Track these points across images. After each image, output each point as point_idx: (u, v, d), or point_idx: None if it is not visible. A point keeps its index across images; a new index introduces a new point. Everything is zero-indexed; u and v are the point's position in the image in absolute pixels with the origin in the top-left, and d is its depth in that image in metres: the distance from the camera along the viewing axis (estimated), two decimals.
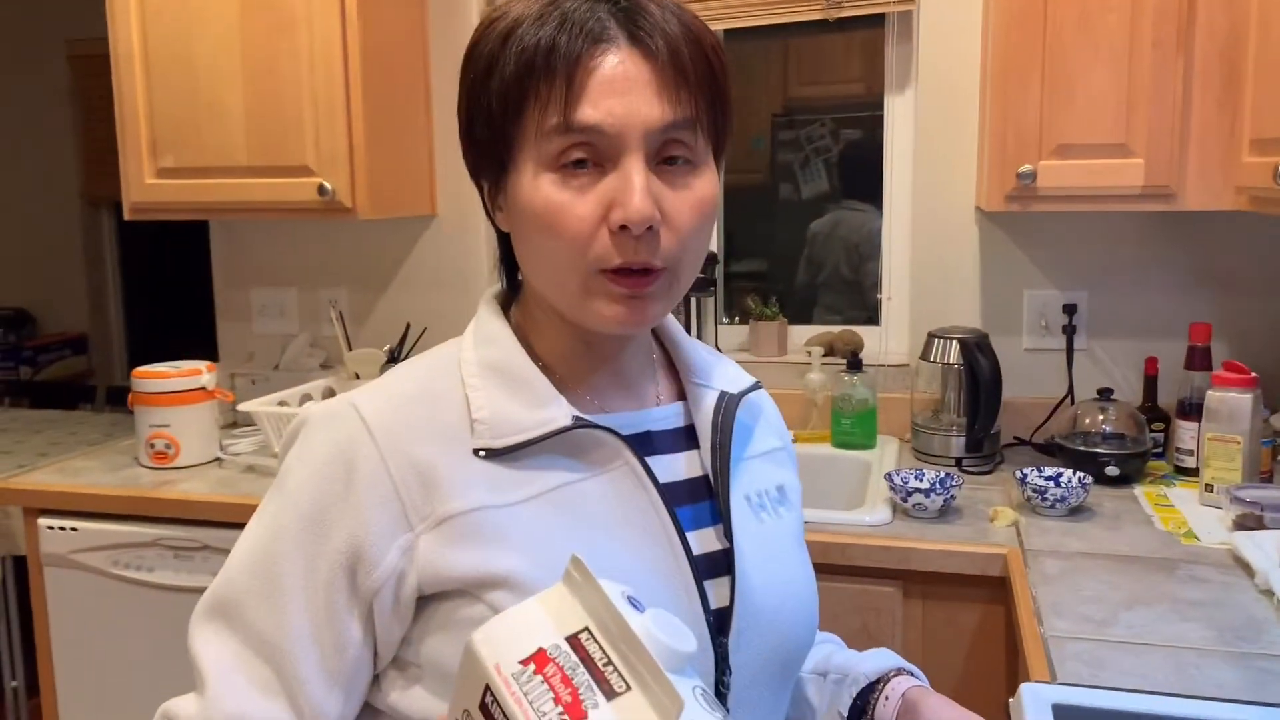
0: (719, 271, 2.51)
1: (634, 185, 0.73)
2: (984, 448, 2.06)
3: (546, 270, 0.78)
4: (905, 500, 1.78)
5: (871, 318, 2.48)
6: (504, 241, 0.86)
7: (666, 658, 0.56)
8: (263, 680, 0.76)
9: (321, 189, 2.13)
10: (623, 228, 0.73)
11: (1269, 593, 1.42)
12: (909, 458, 2.14)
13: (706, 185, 0.78)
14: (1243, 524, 1.63)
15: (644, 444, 0.84)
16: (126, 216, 2.31)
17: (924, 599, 1.68)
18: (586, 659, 0.57)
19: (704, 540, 0.83)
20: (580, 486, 0.79)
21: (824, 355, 2.34)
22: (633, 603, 0.61)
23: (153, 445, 2.12)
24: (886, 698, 0.90)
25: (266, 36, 2.14)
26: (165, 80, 2.21)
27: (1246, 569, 1.50)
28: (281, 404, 2.20)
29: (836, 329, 2.48)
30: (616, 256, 0.74)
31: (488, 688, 0.58)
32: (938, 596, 1.67)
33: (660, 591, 0.77)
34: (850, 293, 2.76)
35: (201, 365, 2.18)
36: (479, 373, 0.81)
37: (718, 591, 0.81)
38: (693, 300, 2.36)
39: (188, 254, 4.19)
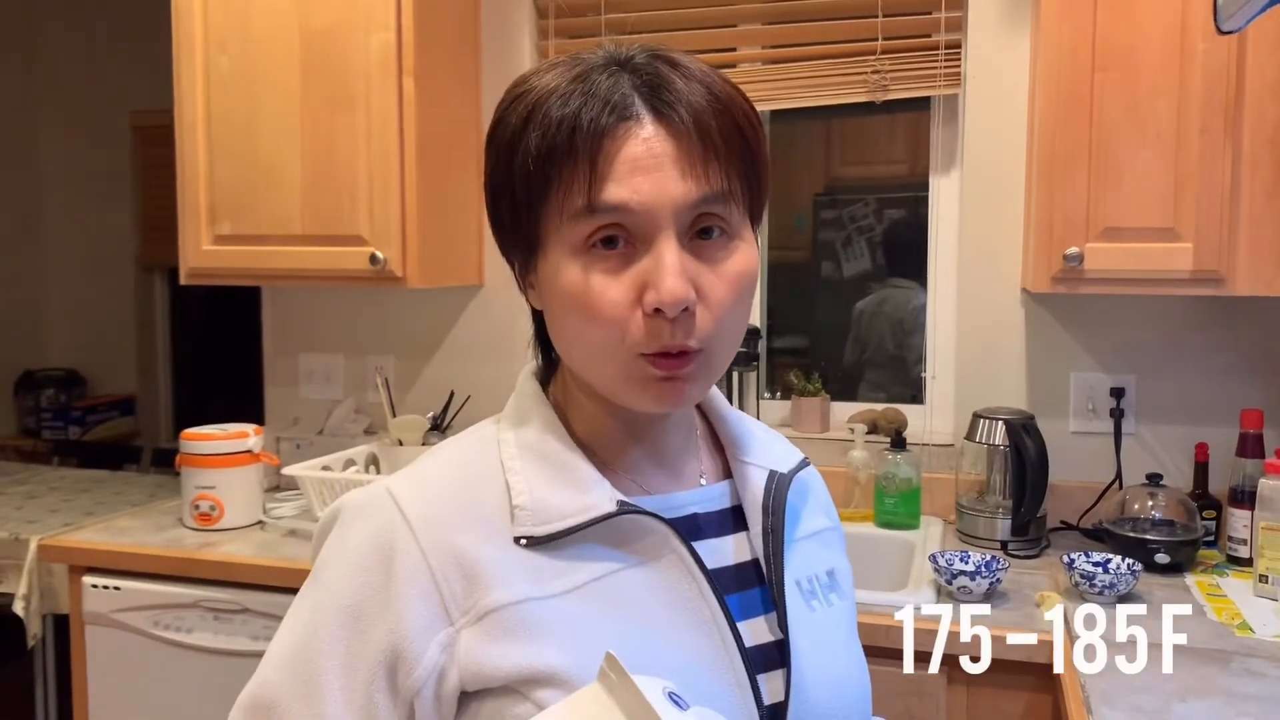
0: (761, 346, 2.52)
1: (667, 266, 0.70)
2: (1030, 531, 2.02)
3: (581, 353, 0.76)
4: (950, 583, 1.75)
5: (915, 396, 2.47)
6: (538, 318, 0.84)
7: None
8: None
9: (373, 258, 2.18)
10: (657, 310, 0.71)
11: None
12: (953, 539, 2.11)
13: (743, 258, 0.75)
14: None
15: (689, 527, 0.80)
16: (183, 281, 2.37)
17: (969, 685, 1.64)
18: None
19: (756, 630, 0.79)
20: (626, 575, 0.76)
21: (867, 433, 2.33)
22: (674, 700, 0.59)
23: (198, 506, 2.15)
24: None
25: (326, 111, 2.21)
26: (226, 149, 2.28)
27: None
28: (325, 469, 2.22)
29: (880, 406, 2.46)
30: (653, 341, 0.72)
31: None
32: (983, 683, 1.63)
33: (711, 687, 0.74)
34: (895, 369, 2.76)
35: (249, 429, 2.21)
36: (519, 455, 0.79)
37: (771, 686, 0.78)
38: (735, 374, 2.36)
39: (236, 319, 4.28)
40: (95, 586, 2.04)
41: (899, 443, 2.21)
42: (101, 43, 4.37)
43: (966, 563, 1.81)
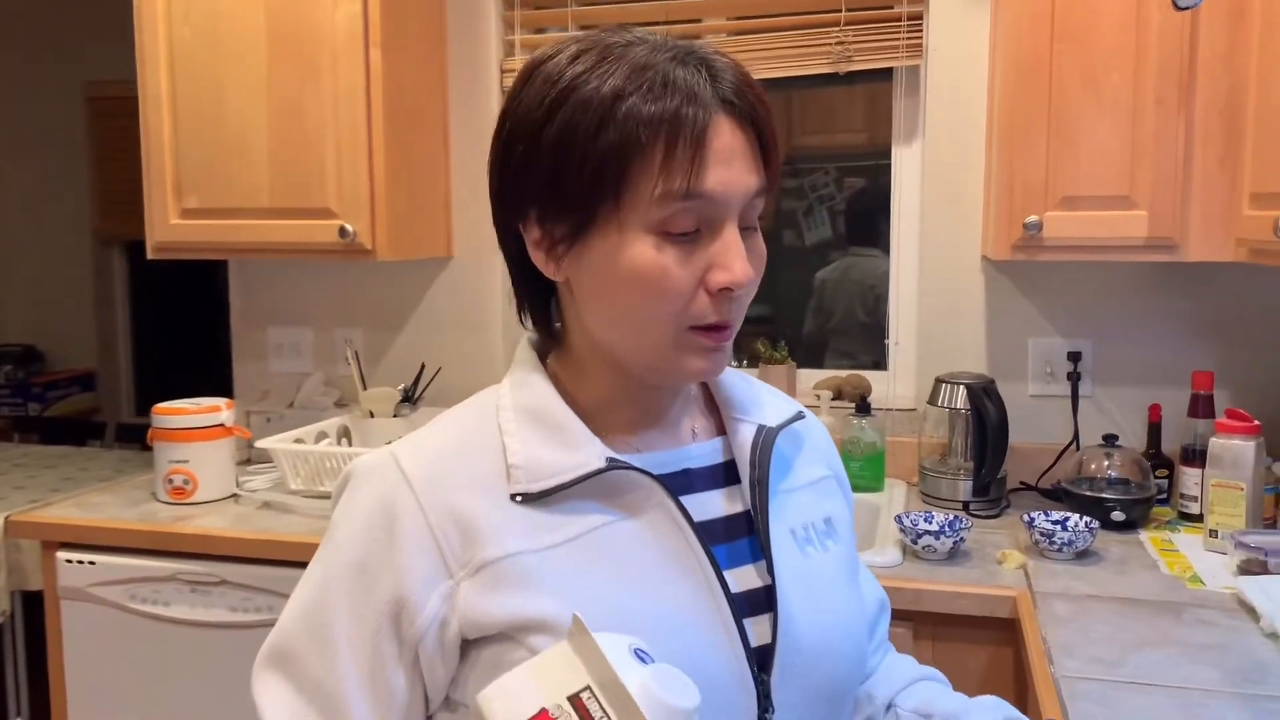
0: None
1: (735, 252, 0.78)
2: (991, 492, 2.09)
3: (635, 325, 0.80)
4: (915, 542, 1.81)
5: (879, 363, 2.52)
6: (538, 288, 0.87)
7: (664, 715, 0.59)
8: None
9: (343, 231, 2.18)
10: (724, 290, 0.78)
11: (1274, 636, 1.44)
12: (916, 501, 2.17)
13: (763, 244, 0.83)
14: (1247, 569, 1.66)
15: (681, 482, 0.85)
16: (150, 256, 2.35)
17: (934, 640, 1.70)
18: (586, 717, 0.60)
19: (744, 578, 0.84)
20: (616, 528, 0.81)
21: (833, 399, 2.38)
22: (640, 655, 0.63)
23: (171, 480, 2.15)
24: None
25: (293, 82, 2.20)
26: (192, 123, 2.27)
27: (1251, 613, 1.53)
28: (298, 441, 2.23)
29: (844, 373, 2.51)
30: (713, 315, 0.78)
31: None
32: (948, 638, 1.70)
33: (698, 631, 0.79)
34: (858, 337, 2.81)
35: (220, 402, 2.22)
36: (515, 418, 0.84)
37: (758, 629, 0.82)
38: None
39: (198, 293, 4.24)
40: (70, 561, 2.05)
41: (864, 408, 2.26)
42: (55, 14, 4.29)
43: (930, 523, 1.87)
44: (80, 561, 2.04)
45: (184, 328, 4.52)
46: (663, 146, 0.75)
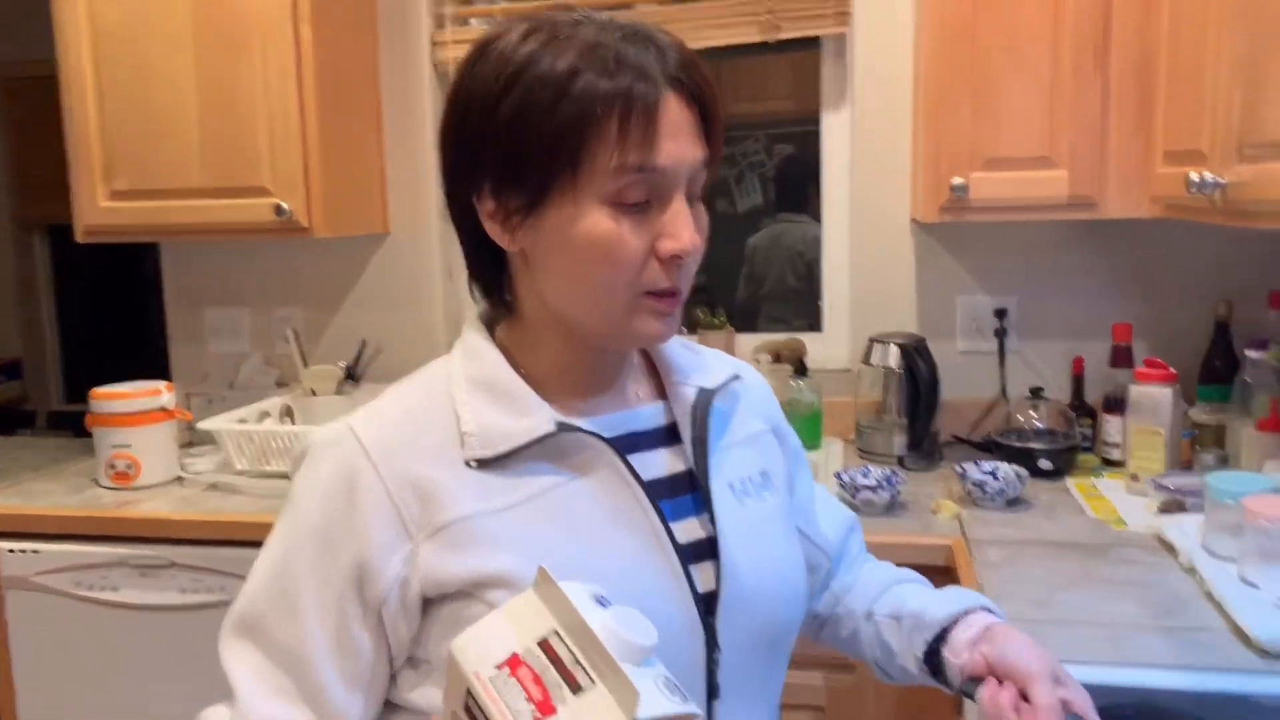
0: None
1: (684, 221, 0.82)
2: (924, 446, 2.16)
3: (590, 292, 0.84)
4: (854, 497, 1.88)
5: (814, 325, 2.58)
6: (488, 259, 0.90)
7: (626, 652, 0.63)
8: (287, 690, 0.83)
9: (279, 209, 2.17)
10: (674, 257, 0.82)
11: (1191, 571, 1.53)
12: (854, 457, 2.24)
13: (706, 214, 0.87)
14: (1166, 509, 1.75)
15: (628, 444, 0.90)
16: (79, 239, 2.32)
17: None
18: (555, 659, 0.64)
19: (689, 530, 0.89)
20: (567, 488, 0.85)
21: (771, 362, 2.43)
22: (600, 601, 0.67)
23: (114, 465, 2.13)
24: (965, 626, 0.95)
25: (221, 58, 2.17)
26: (118, 103, 2.23)
27: (1171, 550, 1.62)
28: (241, 421, 2.23)
29: (782, 337, 2.56)
30: (665, 281, 0.83)
31: (469, 691, 0.64)
32: None
33: (649, 580, 0.84)
34: (793, 301, 2.86)
35: (160, 385, 2.20)
36: (466, 388, 0.87)
37: (704, 575, 0.88)
38: None
39: (126, 276, 4.16)
40: (12, 551, 2.03)
41: (801, 370, 2.32)
42: None
43: (868, 478, 1.93)
44: (24, 550, 2.02)
45: (112, 311, 4.42)
46: (617, 121, 0.79)
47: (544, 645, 0.65)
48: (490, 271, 0.92)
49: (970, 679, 0.91)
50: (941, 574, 1.73)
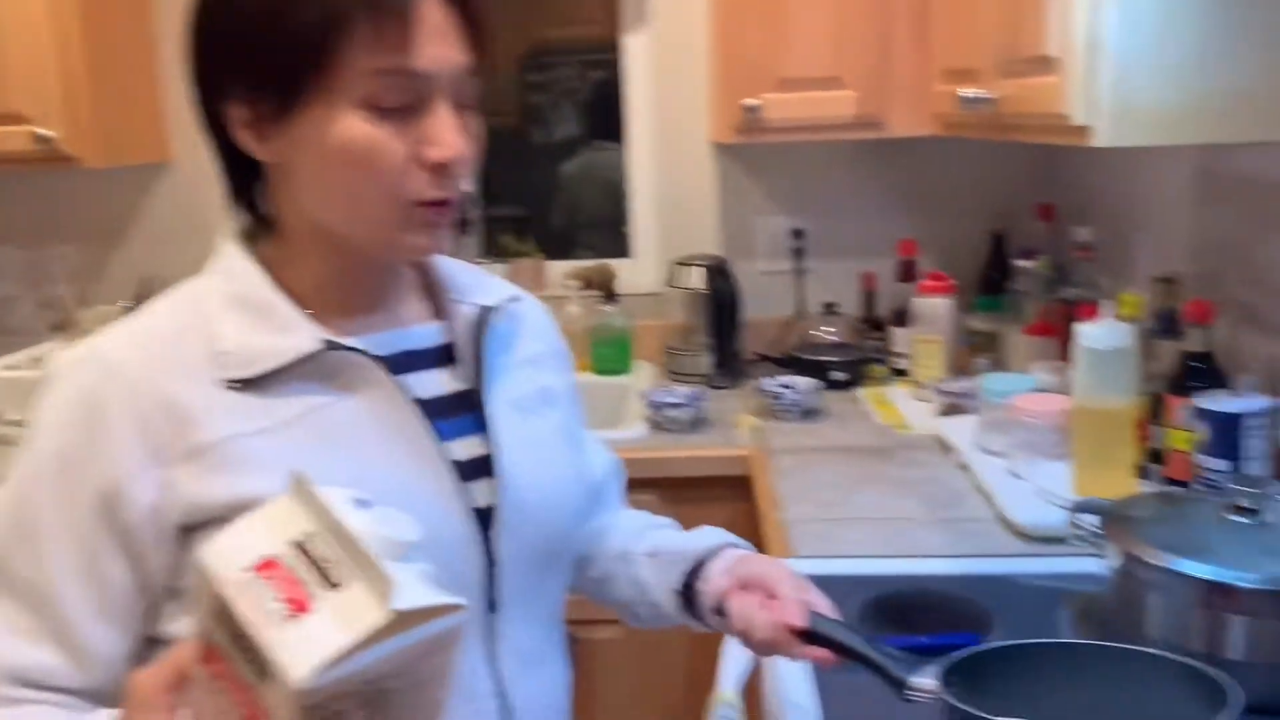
0: (475, 213, 2.54)
1: (449, 127, 0.78)
2: (730, 365, 2.22)
3: (350, 203, 0.80)
4: (660, 415, 1.91)
5: (627, 252, 2.59)
6: (243, 170, 0.85)
7: (386, 548, 0.61)
8: (29, 628, 0.78)
9: (38, 137, 2.00)
10: (439, 165, 0.78)
11: (964, 467, 1.64)
12: (664, 379, 2.28)
13: (480, 126, 0.83)
14: (946, 412, 1.85)
15: (401, 363, 0.87)
16: None
17: (679, 504, 1.77)
18: (311, 559, 0.62)
19: (467, 447, 0.88)
20: (336, 408, 0.82)
21: (581, 289, 2.43)
22: (361, 504, 0.66)
23: None
24: (720, 559, 0.96)
25: None
26: None
27: (949, 450, 1.73)
28: (10, 369, 2.07)
29: (591, 263, 2.57)
30: (432, 190, 0.79)
31: (219, 596, 0.62)
32: (692, 501, 1.81)
33: (422, 498, 0.82)
34: (609, 228, 2.86)
35: None
36: (223, 305, 0.82)
37: (482, 492, 0.87)
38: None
39: None
40: None
41: (610, 296, 2.34)
42: None
43: (673, 396, 1.97)
44: None
45: None
46: (369, 21, 0.75)
47: (299, 546, 0.62)
48: (248, 185, 0.87)
49: (720, 600, 0.93)
50: (741, 484, 1.79)
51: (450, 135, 0.78)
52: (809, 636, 0.86)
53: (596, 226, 3.38)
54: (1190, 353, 1.43)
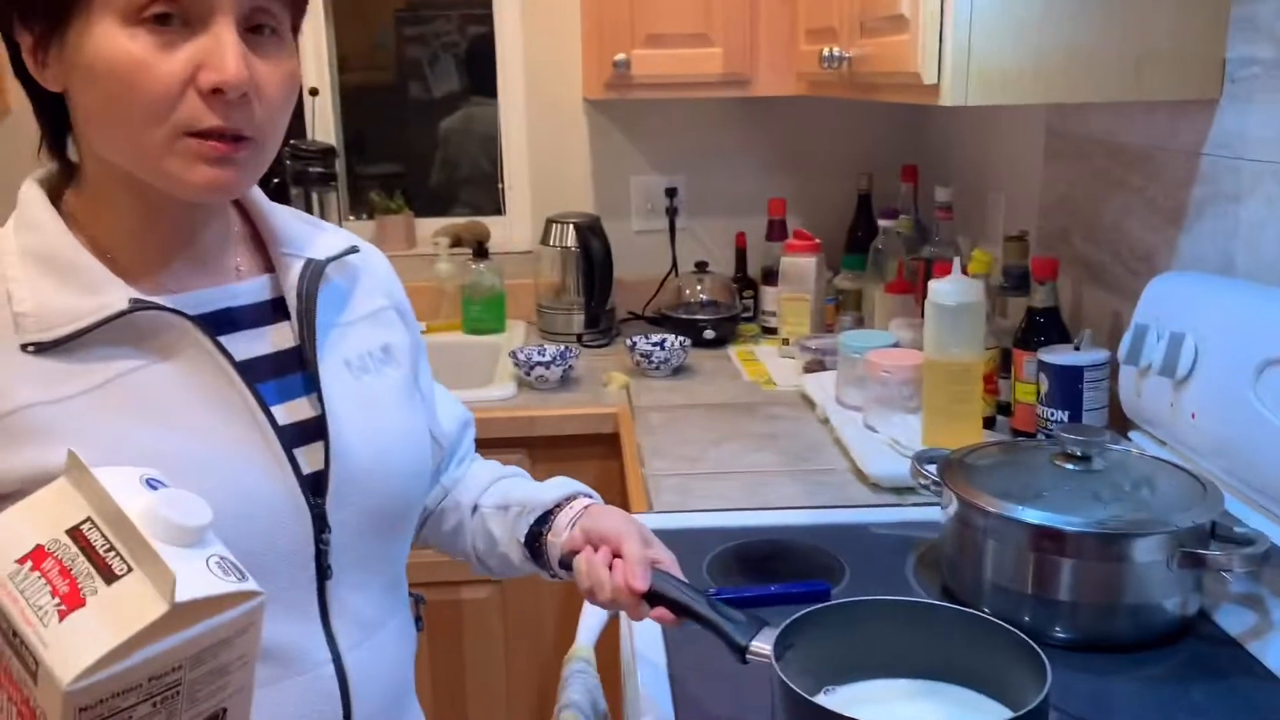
0: (341, 167, 2.47)
1: (228, 47, 0.71)
2: (601, 323, 2.22)
3: (121, 131, 0.74)
4: (529, 374, 1.90)
5: (502, 209, 2.56)
6: (51, 110, 0.79)
7: (170, 534, 0.58)
8: None
9: None
10: (216, 90, 0.71)
11: (825, 421, 1.67)
12: (536, 338, 2.26)
13: (293, 60, 0.78)
14: (810, 369, 1.89)
15: (222, 322, 0.82)
16: None
17: (549, 462, 1.81)
18: (88, 548, 0.58)
19: (295, 410, 0.84)
20: (147, 372, 0.77)
21: (452, 246, 2.39)
22: (151, 484, 0.62)
23: None
24: (567, 510, 0.96)
25: None
26: None
27: (811, 405, 1.76)
28: None
29: (463, 220, 2.53)
30: (209, 118, 0.72)
31: None
32: (561, 459, 1.81)
33: (243, 466, 0.78)
34: (487, 185, 2.82)
35: None
36: (20, 263, 0.76)
37: (310, 457, 0.83)
38: (313, 195, 2.31)
39: None
40: None
41: (481, 253, 2.30)
42: None
43: (543, 355, 1.96)
44: None
45: None
46: None
47: (74, 534, 0.58)
48: (51, 125, 0.81)
49: (569, 554, 0.94)
50: (609, 442, 1.80)
51: (230, 59, 0.71)
52: (653, 597, 0.87)
53: (475, 183, 3.33)
54: (1036, 309, 1.48)
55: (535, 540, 0.98)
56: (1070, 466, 1.07)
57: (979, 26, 1.21)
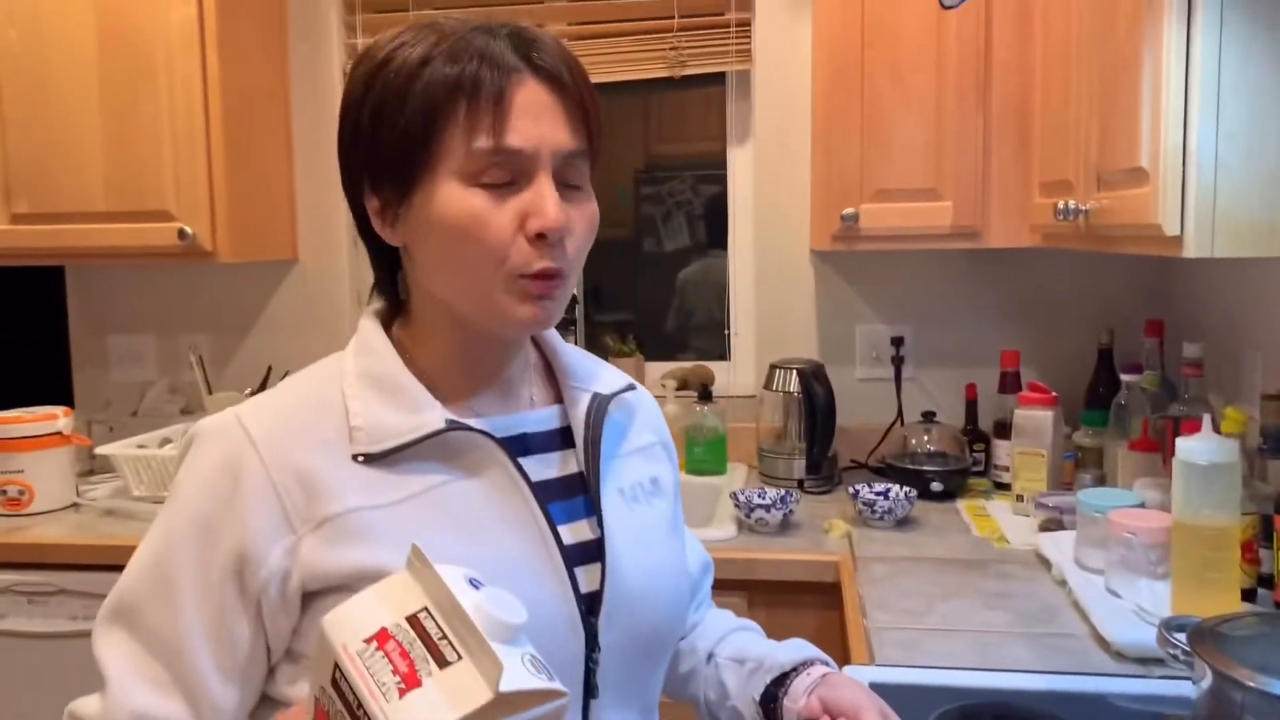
0: (579, 312, 2.63)
1: (549, 198, 0.82)
2: (822, 469, 2.21)
3: (461, 275, 0.84)
4: (749, 516, 1.91)
5: (726, 355, 2.62)
6: (387, 260, 0.92)
7: (495, 629, 0.63)
8: (161, 680, 0.82)
9: (182, 233, 2.16)
10: (540, 236, 0.82)
11: (1062, 583, 1.58)
12: (756, 481, 2.28)
13: (593, 204, 0.88)
14: (1046, 527, 1.80)
15: (519, 445, 0.90)
16: None
17: (767, 606, 1.80)
18: (424, 634, 0.64)
19: (577, 531, 0.90)
20: (453, 487, 0.86)
21: (678, 389, 2.47)
22: (473, 583, 0.68)
23: (4, 491, 2.09)
24: (805, 676, 0.97)
25: (126, 79, 2.17)
26: (18, 124, 2.22)
27: (1046, 565, 1.68)
28: (140, 447, 2.20)
29: (689, 364, 2.61)
30: (539, 262, 0.83)
31: (336, 665, 0.64)
32: (780, 604, 1.79)
33: (531, 580, 0.84)
34: (716, 332, 2.92)
35: (57, 410, 2.16)
36: (357, 382, 0.87)
37: (589, 576, 0.88)
38: None
39: (36, 301, 4.07)
40: None
41: (706, 396, 2.36)
42: None
43: (763, 498, 1.97)
44: None
45: (18, 337, 4.32)
46: (464, 105, 0.82)
47: (413, 621, 0.65)
48: (387, 271, 0.94)
49: None
50: (830, 591, 1.77)
51: (550, 207, 0.82)
52: None
53: (708, 330, 3.45)
54: None
55: (770, 701, 0.99)
56: None
57: (1224, 176, 1.17)
